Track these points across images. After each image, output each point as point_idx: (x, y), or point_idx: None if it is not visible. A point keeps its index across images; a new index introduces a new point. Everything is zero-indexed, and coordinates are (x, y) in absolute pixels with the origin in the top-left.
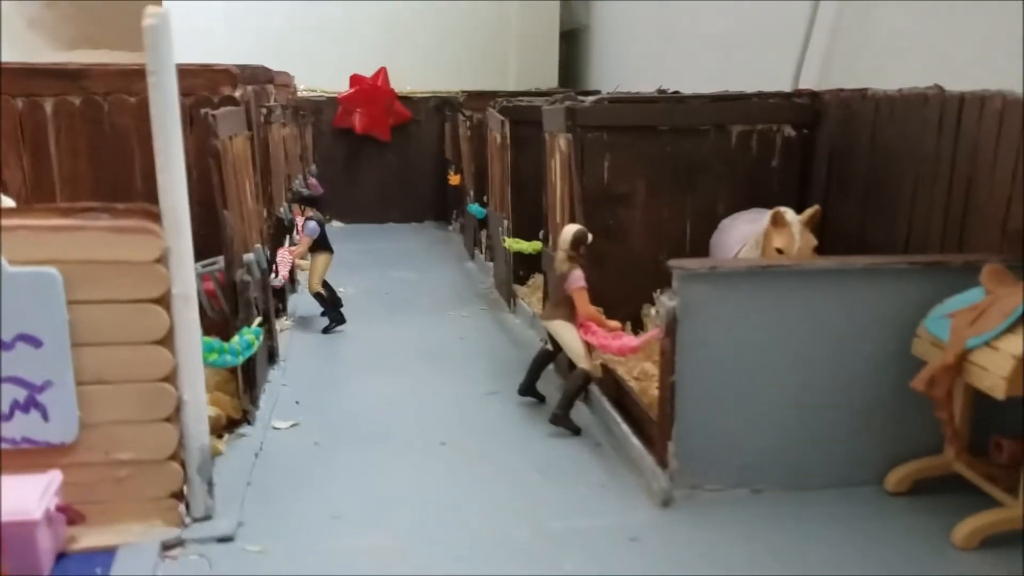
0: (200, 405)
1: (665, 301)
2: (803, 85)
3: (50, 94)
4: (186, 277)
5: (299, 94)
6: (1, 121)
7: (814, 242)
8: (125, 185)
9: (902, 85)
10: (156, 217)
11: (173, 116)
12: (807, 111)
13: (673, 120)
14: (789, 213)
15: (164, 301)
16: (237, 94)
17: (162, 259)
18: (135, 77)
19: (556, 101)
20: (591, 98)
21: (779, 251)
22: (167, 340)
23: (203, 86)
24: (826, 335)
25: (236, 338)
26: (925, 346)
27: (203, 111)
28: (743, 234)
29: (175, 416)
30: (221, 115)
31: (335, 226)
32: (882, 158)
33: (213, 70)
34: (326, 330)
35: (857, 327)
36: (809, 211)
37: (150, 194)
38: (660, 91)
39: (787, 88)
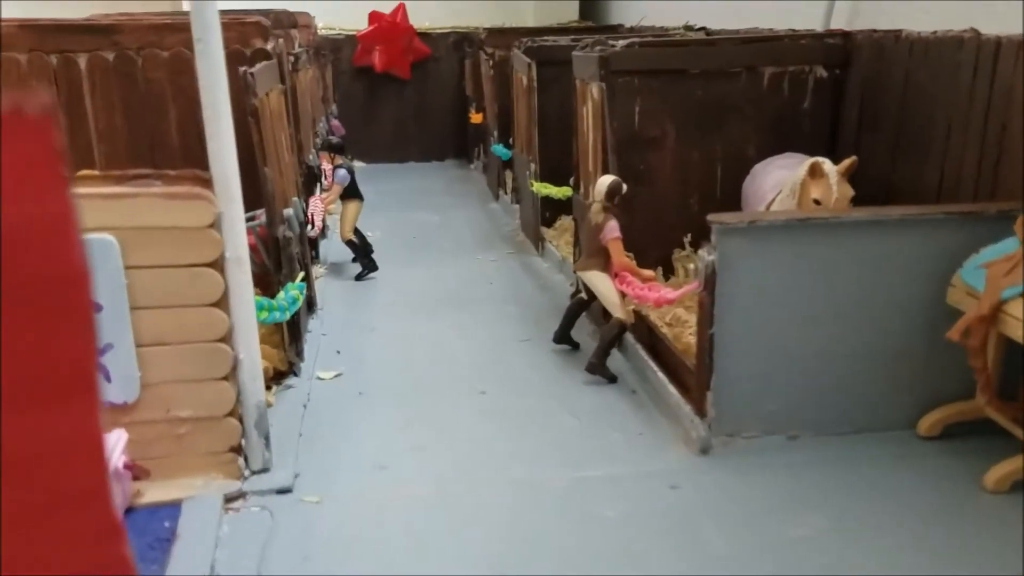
0: (255, 363)
1: (704, 255)
2: (834, 25)
3: (83, 50)
4: (238, 240)
5: (318, 33)
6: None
7: (851, 193)
8: (161, 140)
9: (937, 27)
10: (208, 183)
11: (221, 83)
12: (839, 52)
13: (704, 63)
14: (827, 164)
15: (218, 264)
16: (269, 47)
17: (214, 224)
18: (166, 31)
19: (586, 45)
20: (621, 42)
21: (816, 202)
22: (222, 302)
23: (234, 39)
24: (861, 284)
25: (281, 294)
26: (960, 295)
27: (241, 70)
28: (777, 180)
29: (231, 374)
30: (258, 73)
31: (356, 165)
32: (915, 101)
33: (244, 23)
34: (359, 277)
35: (892, 276)
36: (846, 162)
37: (186, 149)
38: (687, 27)
39: (817, 26)
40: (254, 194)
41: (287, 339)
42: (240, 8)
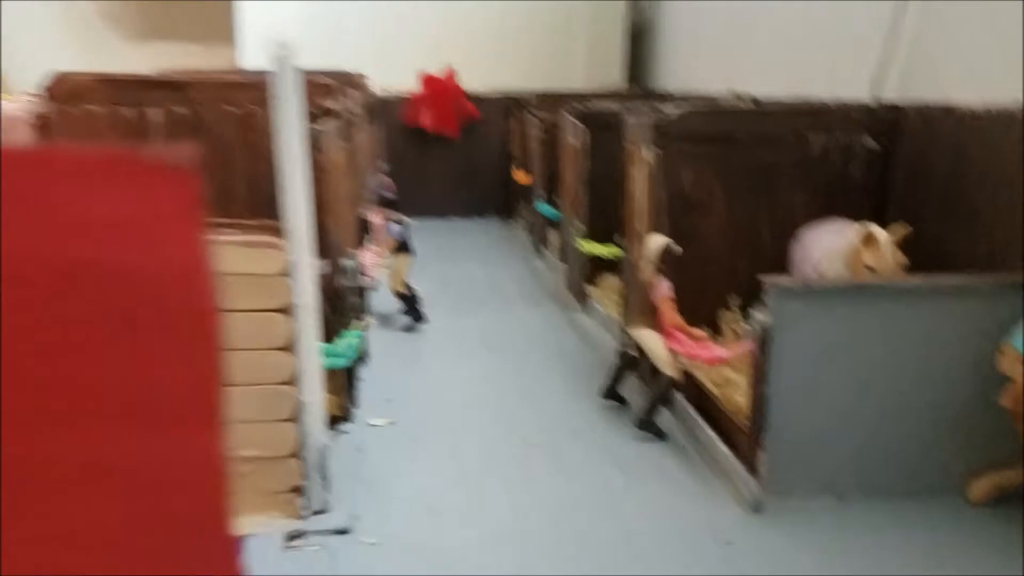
0: (318, 406)
1: (758, 315)
2: (884, 96)
3: (158, 104)
4: (307, 288)
5: (373, 93)
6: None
7: (903, 260)
8: (229, 191)
9: (986, 100)
10: (281, 233)
11: (298, 140)
12: (889, 123)
13: (754, 130)
14: (880, 233)
15: (287, 310)
16: (335, 106)
17: (286, 272)
18: (237, 89)
19: (638, 111)
20: (673, 109)
21: (869, 269)
22: (289, 346)
23: (304, 98)
24: (913, 349)
25: (341, 341)
26: (1011, 362)
27: (311, 128)
28: (826, 246)
29: (295, 416)
30: (326, 130)
31: (406, 221)
32: (963, 174)
33: (312, 83)
34: (407, 328)
35: (943, 342)
36: (900, 231)
37: (251, 199)
38: (736, 96)
39: (864, 96)
40: (317, 245)
41: (343, 386)
42: (302, 69)
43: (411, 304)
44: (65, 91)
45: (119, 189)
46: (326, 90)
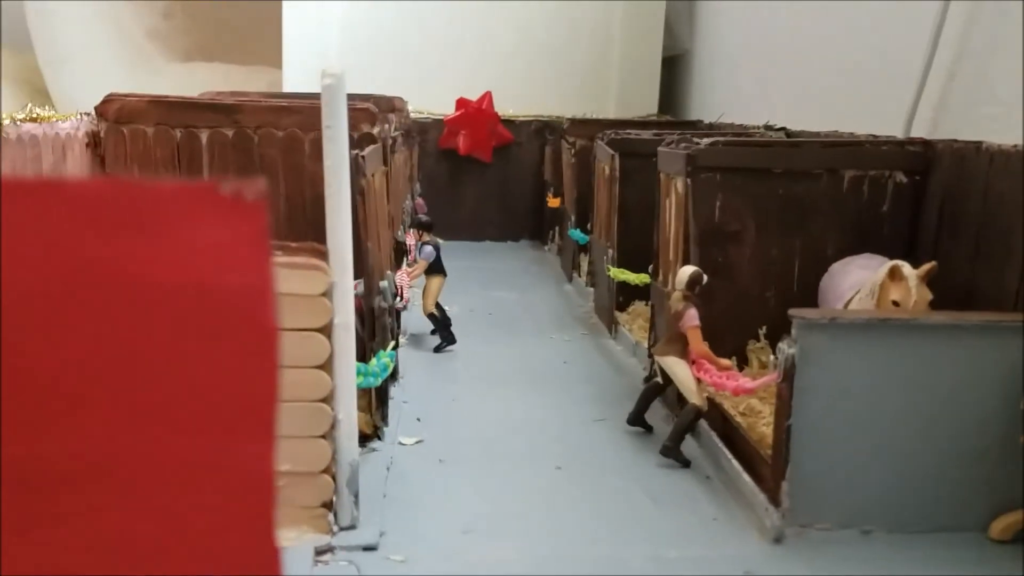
0: (352, 424)
1: (784, 347)
2: (915, 132)
3: (205, 126)
4: (347, 308)
5: (409, 117)
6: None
7: (929, 296)
8: (272, 211)
9: (1018, 141)
10: (324, 254)
11: (343, 165)
12: (920, 159)
13: (786, 163)
14: (907, 268)
15: (326, 330)
16: (375, 131)
17: (327, 293)
18: (283, 113)
19: (671, 141)
20: (705, 139)
21: (895, 304)
22: (327, 365)
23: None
24: (938, 385)
25: (374, 361)
26: None
27: (353, 153)
28: (856, 280)
29: (329, 433)
30: (367, 155)
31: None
32: (995, 210)
33: (355, 108)
34: (438, 349)
35: (969, 379)
36: (926, 266)
37: (291, 220)
38: (767, 127)
39: (897, 130)
40: (354, 266)
41: (374, 404)
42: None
43: (441, 325)
44: (116, 112)
45: (200, 218)
46: (368, 115)
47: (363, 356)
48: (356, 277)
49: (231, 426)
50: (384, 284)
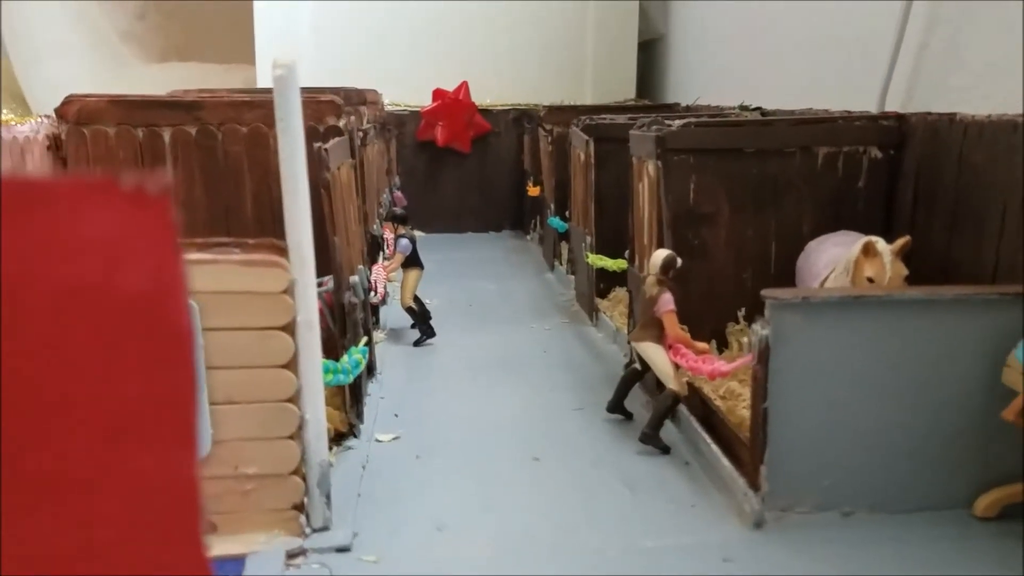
0: (320, 423)
1: (758, 329)
2: (889, 106)
3: (168, 124)
4: (309, 305)
5: (384, 109)
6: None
7: (904, 271)
8: (236, 208)
9: (991, 110)
10: (283, 251)
11: (300, 158)
12: (894, 133)
13: (759, 142)
14: (880, 243)
15: (289, 328)
16: (341, 124)
17: (288, 290)
18: (245, 108)
19: (643, 124)
20: (678, 121)
21: (870, 280)
22: (291, 364)
23: (309, 116)
24: (916, 362)
25: (345, 358)
26: (1015, 376)
27: (316, 146)
28: (831, 258)
29: (297, 434)
30: (332, 148)
31: (417, 235)
32: (970, 182)
33: (319, 101)
34: (417, 343)
35: (946, 354)
36: (900, 241)
37: (258, 217)
38: (742, 107)
39: (872, 106)
40: (322, 262)
41: (348, 401)
42: (313, 86)
43: (420, 319)
44: (76, 113)
45: (97, 214)
46: (333, 107)
47: (334, 353)
48: (324, 273)
49: (140, 434)
50: (355, 279)
